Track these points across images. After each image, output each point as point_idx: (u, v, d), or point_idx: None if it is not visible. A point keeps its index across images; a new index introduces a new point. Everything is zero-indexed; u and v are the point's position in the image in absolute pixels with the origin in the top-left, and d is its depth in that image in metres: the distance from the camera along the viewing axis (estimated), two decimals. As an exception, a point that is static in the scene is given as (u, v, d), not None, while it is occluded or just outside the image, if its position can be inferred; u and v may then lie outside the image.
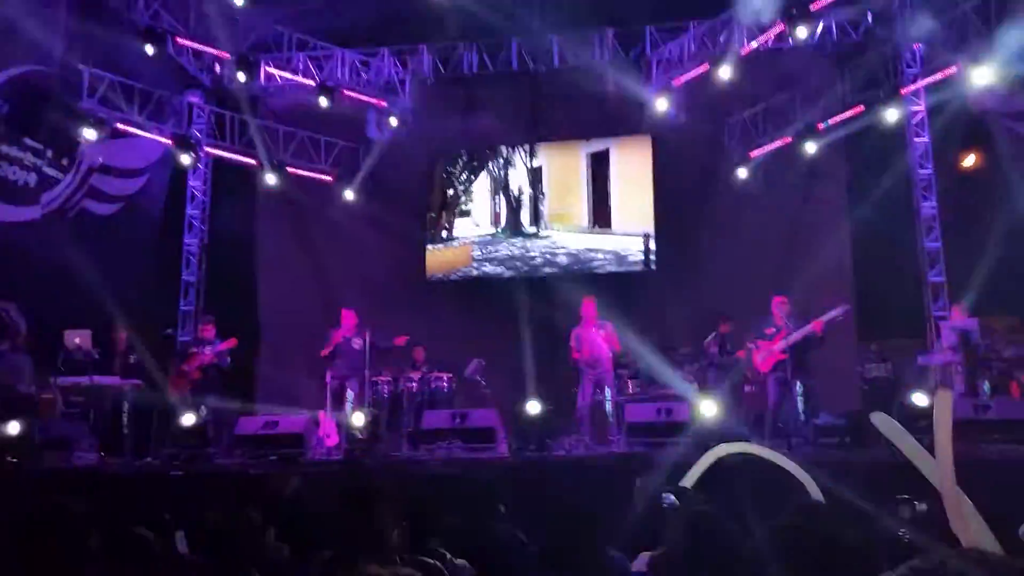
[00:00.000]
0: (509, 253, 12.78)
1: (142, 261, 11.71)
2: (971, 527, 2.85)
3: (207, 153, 12.60)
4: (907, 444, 3.13)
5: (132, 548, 3.19)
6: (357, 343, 9.55)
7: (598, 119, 12.56)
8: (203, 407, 8.98)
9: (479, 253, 12.88)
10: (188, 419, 8.76)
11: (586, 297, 9.42)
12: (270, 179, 12.09)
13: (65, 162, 10.86)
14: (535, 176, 12.84)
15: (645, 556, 3.52)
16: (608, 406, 8.98)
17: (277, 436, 8.46)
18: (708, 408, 8.19)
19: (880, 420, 3.27)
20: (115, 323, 9.76)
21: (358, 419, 8.93)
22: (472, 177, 13.09)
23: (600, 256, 12.45)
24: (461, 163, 13.16)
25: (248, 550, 3.50)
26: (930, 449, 3.06)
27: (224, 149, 12.46)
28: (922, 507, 4.11)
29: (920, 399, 7.89)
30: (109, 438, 9.18)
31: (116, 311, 9.83)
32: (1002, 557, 1.51)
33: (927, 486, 3.16)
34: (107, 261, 10.84)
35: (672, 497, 4.05)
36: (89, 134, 10.71)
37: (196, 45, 11.74)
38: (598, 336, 9.05)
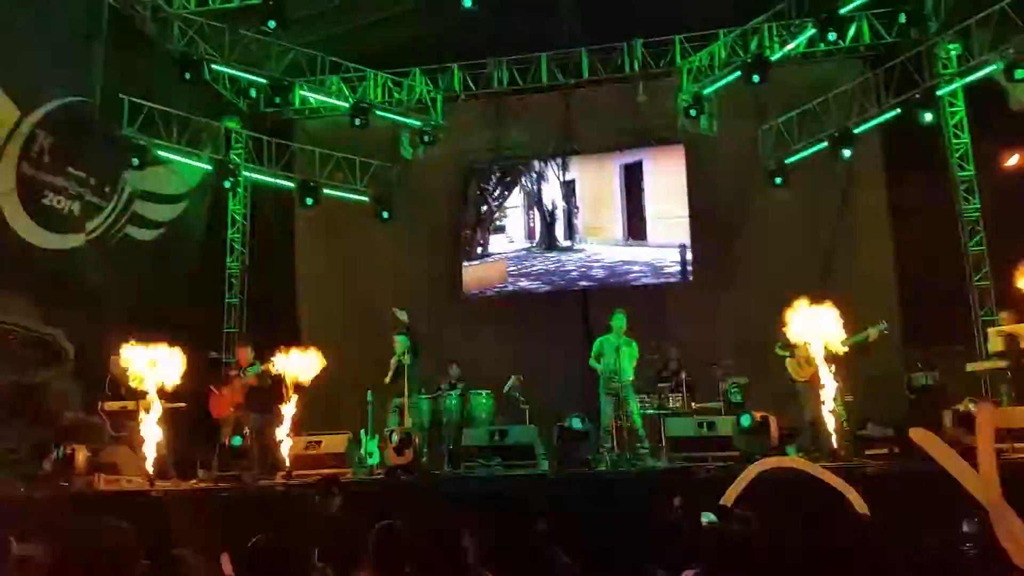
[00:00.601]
0: (544, 268, 12.77)
1: (185, 285, 11.92)
2: (1021, 543, 2.77)
3: (246, 177, 12.80)
4: (949, 459, 3.05)
5: (177, 570, 3.23)
6: None
7: (630, 130, 12.54)
8: (247, 429, 9.05)
9: (514, 268, 12.89)
10: (234, 441, 8.85)
11: (618, 310, 9.36)
12: (307, 201, 12.24)
13: (107, 190, 11.11)
14: (568, 189, 12.84)
15: (689, 574, 3.49)
16: (636, 419, 8.82)
17: (320, 456, 8.53)
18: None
19: (919, 435, 3.20)
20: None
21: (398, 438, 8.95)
22: (506, 193, 13.13)
23: (636, 268, 12.39)
24: (494, 179, 13.20)
25: (292, 571, 3.53)
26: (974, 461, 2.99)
27: (262, 173, 12.65)
28: (970, 527, 4.01)
29: (971, 407, 7.70)
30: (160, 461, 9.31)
31: (160, 335, 9.99)
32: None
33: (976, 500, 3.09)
34: (151, 285, 11.07)
35: (712, 515, 4.00)
36: (130, 162, 10.95)
37: (231, 71, 11.97)
38: (620, 350, 8.93)
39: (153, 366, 8.42)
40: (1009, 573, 2.63)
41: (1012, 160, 10.58)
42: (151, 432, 9.31)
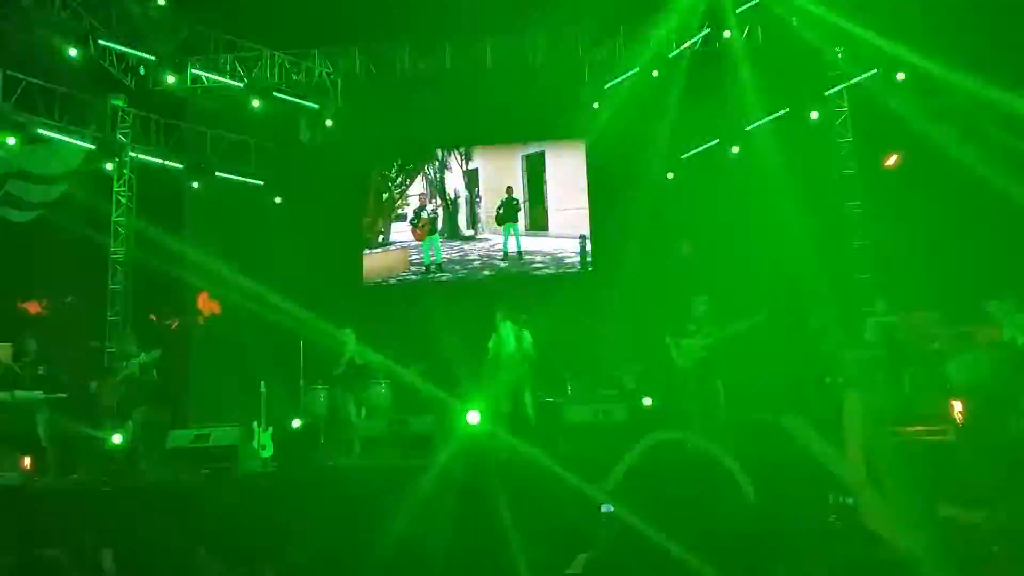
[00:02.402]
0: (447, 256, 12.72)
1: (65, 270, 11.28)
2: (885, 521, 2.95)
3: (132, 158, 12.22)
4: (817, 446, 3.22)
5: (42, 572, 3.07)
6: None
7: (532, 122, 12.60)
8: (130, 421, 8.68)
9: (416, 257, 12.79)
10: (115, 436, 8.46)
11: (498, 314, 9.44)
12: (198, 184, 11.78)
13: (-22, 168, 10.42)
14: (471, 179, 12.81)
15: (581, 558, 3.55)
16: (530, 410, 8.91)
17: (209, 449, 8.24)
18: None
19: (791, 423, 3.35)
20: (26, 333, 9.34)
21: (295, 428, 8.77)
22: (407, 180, 12.99)
23: (538, 259, 12.49)
24: (396, 166, 13.04)
25: (177, 567, 3.42)
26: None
27: (150, 154, 12.10)
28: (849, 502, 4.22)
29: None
30: (34, 455, 8.82)
31: (37, 322, 9.47)
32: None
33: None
34: (26, 271, 10.44)
35: (610, 505, 4.08)
36: (7, 139, 10.28)
37: (118, 47, 11.38)
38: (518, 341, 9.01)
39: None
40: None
41: (891, 160, 11.17)
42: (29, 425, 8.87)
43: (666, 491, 4.72)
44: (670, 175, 11.80)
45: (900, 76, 9.77)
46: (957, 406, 7.96)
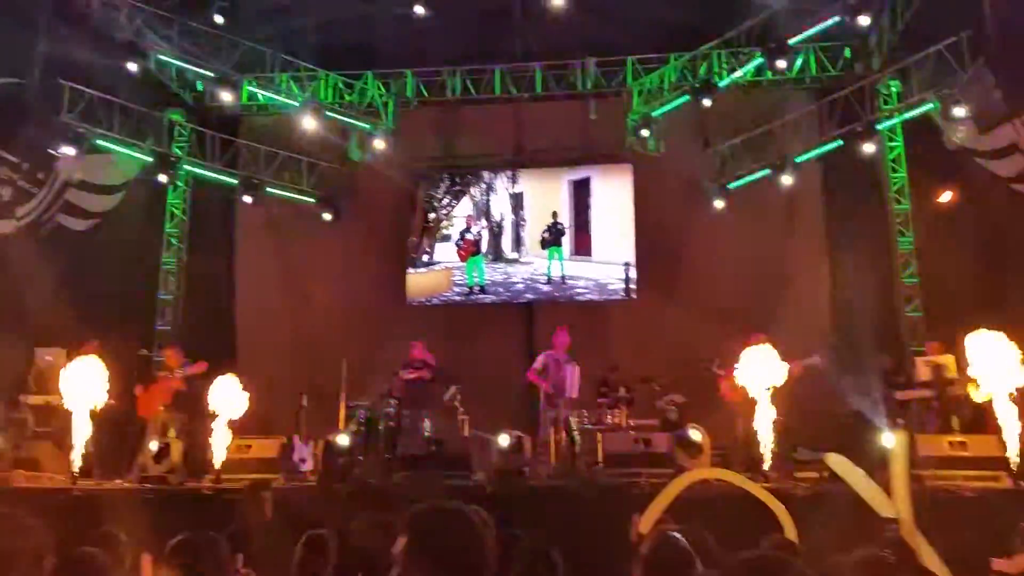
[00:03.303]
0: (491, 279, 12.76)
1: (117, 279, 11.54)
2: (929, 564, 2.88)
3: (187, 171, 12.51)
4: (862, 484, 3.15)
5: (82, 567, 3.11)
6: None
7: (580, 147, 12.65)
8: (172, 430, 8.82)
9: (460, 278, 12.85)
10: (154, 443, 8.60)
11: (560, 327, 9.36)
12: (250, 199, 12.01)
13: (41, 176, 10.73)
14: (517, 202, 12.87)
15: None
16: (576, 437, 8.80)
17: (250, 460, 8.33)
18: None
19: (835, 461, 3.29)
20: (84, 340, 9.55)
21: (341, 441, 8.79)
22: (454, 202, 13.09)
23: (581, 284, 12.46)
24: (443, 187, 13.16)
25: (213, 574, 3.43)
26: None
27: (205, 168, 12.37)
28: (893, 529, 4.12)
29: (889, 439, 7.93)
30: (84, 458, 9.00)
31: (89, 329, 9.67)
32: None
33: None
34: (81, 278, 10.70)
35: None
36: (67, 149, 10.59)
37: (179, 63, 11.71)
38: (565, 370, 8.92)
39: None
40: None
41: (945, 196, 10.96)
42: (76, 429, 9.04)
43: (708, 527, 4.64)
44: (719, 204, 11.71)
45: (959, 111, 9.58)
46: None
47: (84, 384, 8.46)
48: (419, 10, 10.02)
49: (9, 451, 8.43)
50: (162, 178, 11.74)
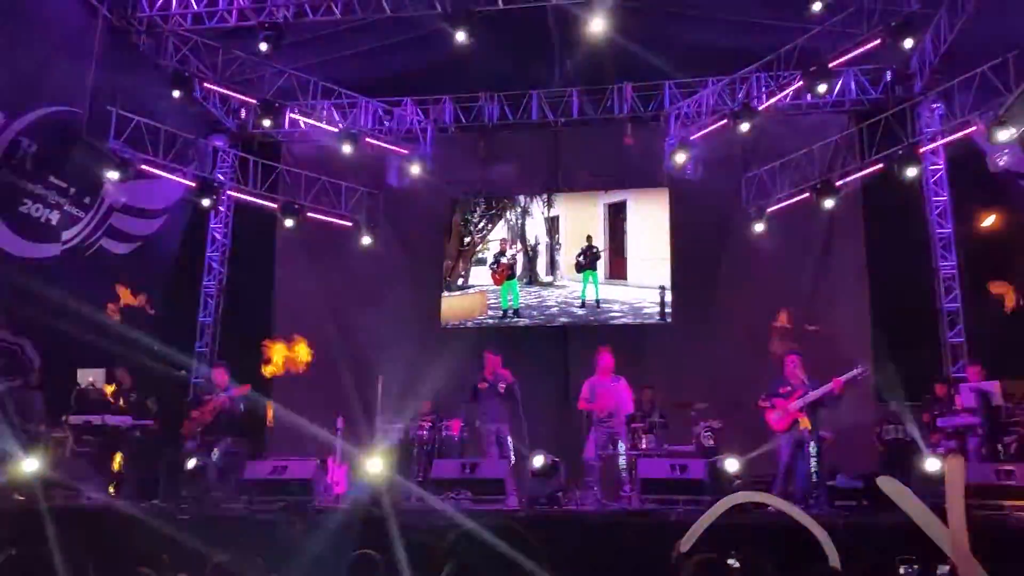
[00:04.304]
0: (525, 302, 12.75)
1: (157, 301, 11.75)
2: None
3: (229, 196, 12.74)
4: (916, 510, 3.04)
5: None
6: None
7: (616, 171, 12.64)
8: (215, 451, 8.88)
9: (494, 301, 12.86)
10: (191, 462, 8.68)
11: (603, 347, 9.33)
12: (290, 223, 12.18)
13: (87, 200, 10.99)
14: (552, 226, 12.88)
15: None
16: (622, 460, 8.79)
17: (285, 481, 8.37)
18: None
19: (888, 485, 3.19)
20: (118, 361, 9.72)
21: (374, 467, 8.80)
22: (489, 226, 13.15)
23: (616, 308, 12.40)
24: (479, 211, 13.23)
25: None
26: (943, 515, 2.98)
27: (246, 193, 12.59)
28: (943, 570, 4.00)
29: (933, 464, 7.74)
30: (116, 479, 9.12)
31: (128, 351, 9.85)
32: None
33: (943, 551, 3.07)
34: (119, 300, 10.91)
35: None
36: (113, 175, 10.85)
37: (222, 90, 11.98)
38: (614, 388, 8.92)
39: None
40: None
41: (988, 220, 10.74)
42: (115, 449, 9.19)
43: (745, 554, 4.54)
44: (758, 227, 11.60)
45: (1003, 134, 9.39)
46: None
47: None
48: (460, 37, 10.13)
49: (48, 471, 8.56)
50: (205, 203, 11.95)
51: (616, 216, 12.67)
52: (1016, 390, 9.12)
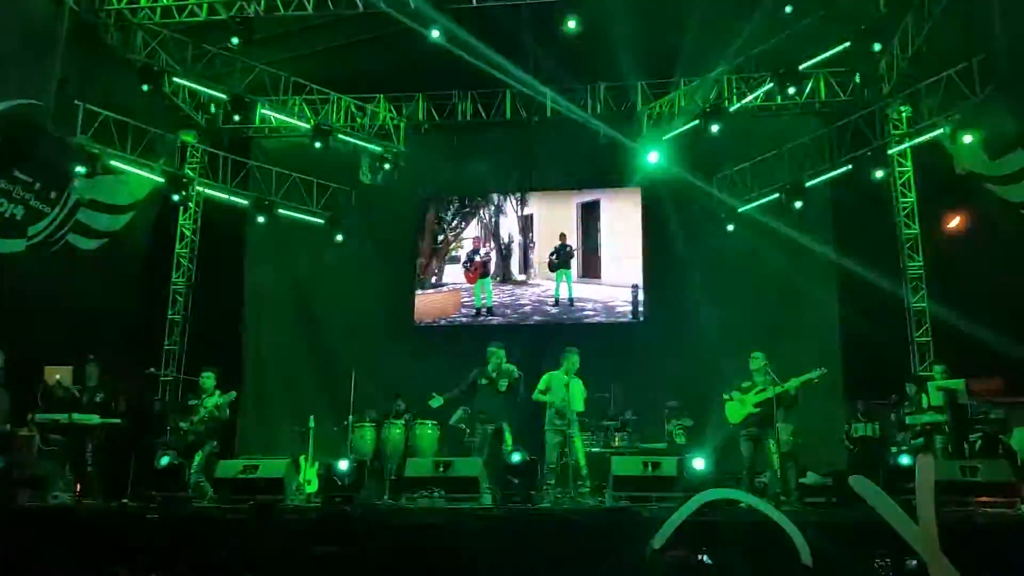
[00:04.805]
0: (499, 300, 12.76)
1: (125, 298, 11.57)
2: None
3: (198, 192, 12.59)
4: (887, 507, 3.09)
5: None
6: None
7: (589, 170, 12.69)
8: (199, 455, 8.82)
9: (468, 299, 12.85)
10: (164, 460, 8.58)
11: (572, 349, 9.30)
12: (260, 219, 12.07)
13: (53, 195, 10.78)
14: (526, 224, 12.89)
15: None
16: (580, 458, 8.68)
17: (256, 481, 8.28)
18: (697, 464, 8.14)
19: (859, 483, 3.23)
20: (87, 359, 9.53)
21: (342, 465, 8.75)
22: (463, 224, 13.13)
23: (589, 306, 12.45)
24: (452, 209, 13.20)
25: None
26: (912, 512, 3.04)
27: (216, 189, 12.45)
28: (912, 564, 4.06)
29: (907, 460, 7.85)
30: (87, 478, 8.98)
31: (96, 348, 9.68)
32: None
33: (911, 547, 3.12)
34: (89, 297, 10.72)
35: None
36: (80, 169, 10.67)
37: (192, 85, 11.82)
38: (568, 387, 8.81)
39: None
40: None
41: (954, 222, 10.94)
42: (82, 448, 9.04)
43: (718, 551, 4.59)
44: (729, 228, 11.73)
45: (969, 137, 9.59)
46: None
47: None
48: (434, 34, 10.10)
49: (15, 470, 8.40)
50: (175, 198, 11.80)
51: (589, 215, 12.72)
52: (979, 388, 9.30)
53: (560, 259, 12.65)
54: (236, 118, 11.80)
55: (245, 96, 11.64)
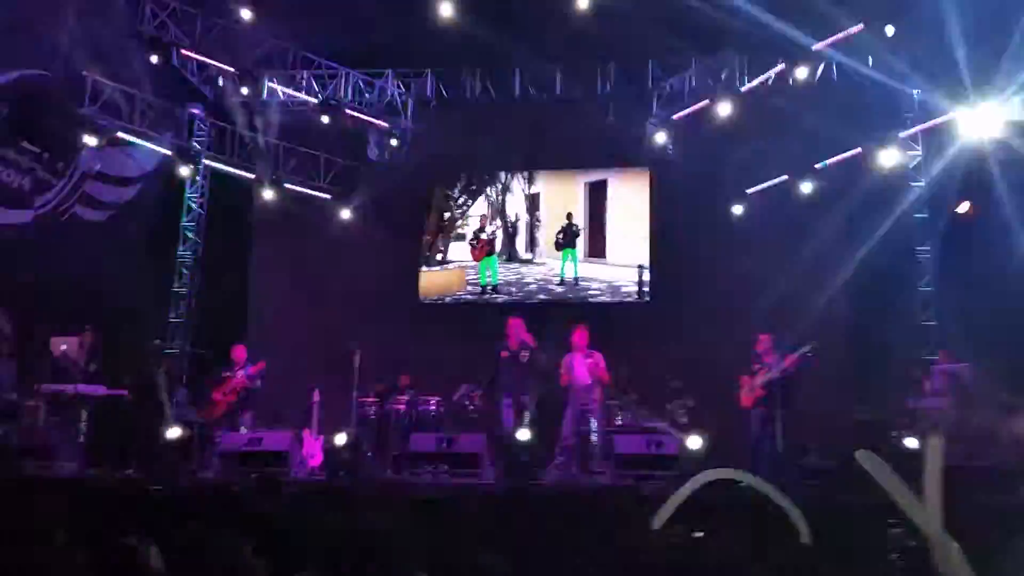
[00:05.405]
0: (504, 279, 12.75)
1: (132, 270, 11.59)
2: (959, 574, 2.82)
3: (205, 165, 12.58)
4: (895, 486, 3.10)
5: (119, 559, 3.11)
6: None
7: (597, 150, 12.62)
8: (242, 427, 9.00)
9: (473, 277, 12.84)
10: (173, 432, 8.66)
11: (578, 325, 9.33)
12: (268, 194, 12.06)
13: (60, 167, 10.81)
14: (532, 203, 12.86)
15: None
16: (594, 437, 8.78)
17: (260, 453, 8.35)
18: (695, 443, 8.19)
19: (867, 458, 3.23)
20: (84, 329, 9.60)
21: (340, 439, 8.82)
22: (470, 201, 13.10)
23: (595, 286, 12.43)
24: (459, 187, 13.17)
25: (222, 566, 3.43)
26: (919, 494, 3.04)
27: (223, 162, 12.43)
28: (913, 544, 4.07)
29: (912, 443, 7.85)
30: (88, 449, 9.06)
31: (102, 319, 9.74)
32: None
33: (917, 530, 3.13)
34: (96, 268, 10.75)
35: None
36: (89, 140, 10.67)
37: (200, 57, 11.77)
38: (584, 365, 8.90)
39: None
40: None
41: (963, 207, 10.87)
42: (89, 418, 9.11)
43: (720, 530, 4.59)
44: (737, 209, 11.66)
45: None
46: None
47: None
48: (444, 11, 10.02)
49: (22, 439, 8.49)
50: (181, 171, 11.80)
51: (596, 194, 12.68)
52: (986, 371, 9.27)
53: (566, 238, 12.63)
54: (244, 91, 11.74)
55: (253, 70, 11.59)
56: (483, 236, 12.90)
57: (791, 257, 11.63)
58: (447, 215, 13.08)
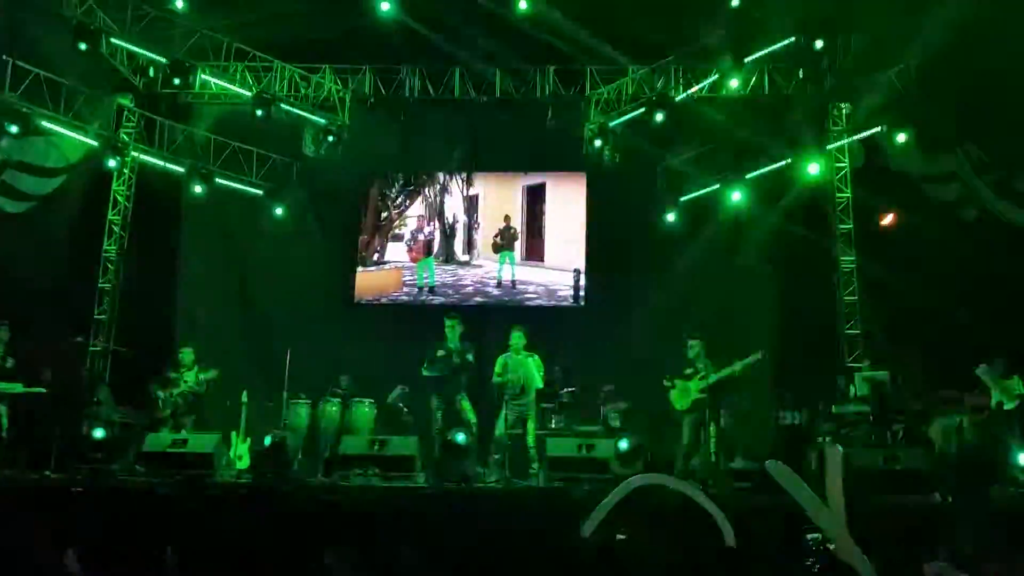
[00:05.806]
0: (441, 280, 12.70)
1: (54, 264, 11.16)
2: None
3: (133, 158, 12.21)
4: (801, 493, 3.24)
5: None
6: None
7: (536, 153, 12.67)
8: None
9: (410, 278, 12.76)
10: (95, 432, 8.39)
11: (516, 326, 9.33)
12: (197, 188, 11.76)
13: (-21, 155, 10.36)
14: (471, 204, 12.85)
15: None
16: (530, 439, 8.80)
17: (185, 455, 8.12)
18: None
19: (775, 469, 3.35)
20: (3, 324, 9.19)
21: (268, 441, 8.66)
22: (407, 201, 13.02)
23: (531, 289, 12.48)
24: (397, 186, 13.07)
25: (142, 568, 3.36)
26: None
27: (152, 155, 12.08)
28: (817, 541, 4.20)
29: (827, 452, 8.07)
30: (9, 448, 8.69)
31: (22, 314, 9.35)
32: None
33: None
34: (16, 261, 10.33)
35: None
36: (9, 129, 10.24)
37: (130, 46, 11.42)
38: (525, 364, 8.88)
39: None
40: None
41: (887, 219, 11.27)
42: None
43: (644, 534, 4.65)
44: (670, 216, 11.86)
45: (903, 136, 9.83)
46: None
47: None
48: (384, 7, 9.93)
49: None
50: (109, 164, 11.42)
51: (535, 198, 12.74)
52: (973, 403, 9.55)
53: (504, 241, 12.65)
54: (175, 82, 11.40)
55: (185, 60, 11.28)
56: (420, 237, 12.84)
57: (722, 264, 11.90)
58: (384, 215, 12.98)
